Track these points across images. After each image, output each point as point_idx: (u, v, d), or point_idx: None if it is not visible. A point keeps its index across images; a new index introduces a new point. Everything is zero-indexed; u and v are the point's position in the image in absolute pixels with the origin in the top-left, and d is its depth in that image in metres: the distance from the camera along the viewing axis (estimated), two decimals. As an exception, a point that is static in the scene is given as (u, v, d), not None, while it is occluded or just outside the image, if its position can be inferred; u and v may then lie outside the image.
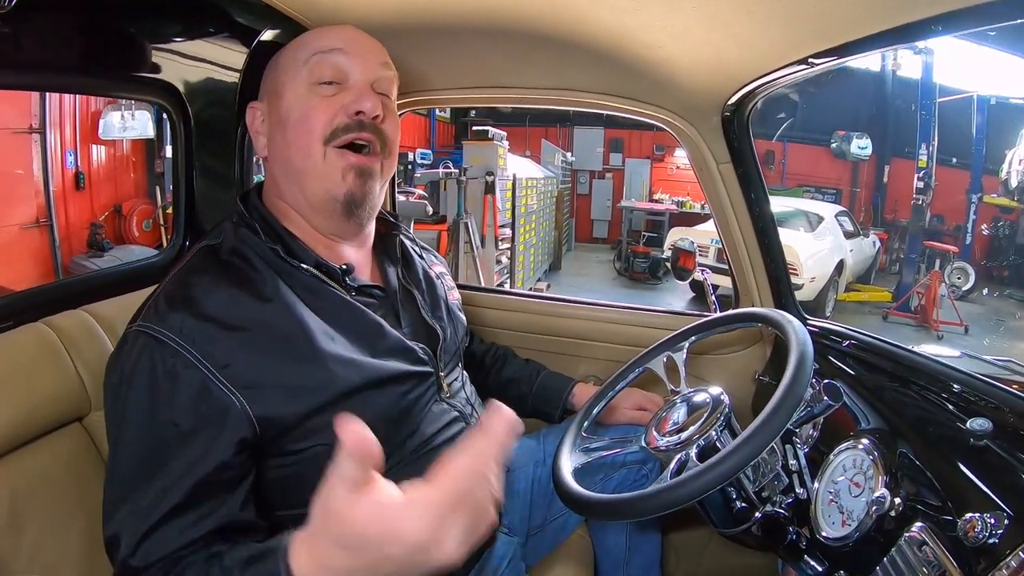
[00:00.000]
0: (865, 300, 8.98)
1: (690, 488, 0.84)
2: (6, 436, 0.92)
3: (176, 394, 0.81)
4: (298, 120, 0.97)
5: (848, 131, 11.99)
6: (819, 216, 8.35)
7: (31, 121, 5.21)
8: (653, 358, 1.27)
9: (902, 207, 10.58)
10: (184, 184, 1.47)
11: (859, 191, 12.66)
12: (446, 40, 1.34)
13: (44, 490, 0.94)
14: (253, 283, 0.92)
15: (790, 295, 1.53)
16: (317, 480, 0.69)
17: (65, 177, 5.76)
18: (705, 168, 1.46)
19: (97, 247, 5.99)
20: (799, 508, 1.00)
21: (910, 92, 9.58)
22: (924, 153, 8.27)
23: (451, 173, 5.97)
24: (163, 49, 1.28)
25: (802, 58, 1.05)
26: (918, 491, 0.87)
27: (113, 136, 6.06)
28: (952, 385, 1.00)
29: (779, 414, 0.84)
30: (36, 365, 0.99)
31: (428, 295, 1.18)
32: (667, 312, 1.72)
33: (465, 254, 5.54)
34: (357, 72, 1.00)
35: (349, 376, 0.91)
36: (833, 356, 1.32)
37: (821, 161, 12.79)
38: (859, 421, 1.10)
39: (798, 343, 0.95)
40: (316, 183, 0.98)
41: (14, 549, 0.88)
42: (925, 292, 7.84)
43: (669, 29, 1.09)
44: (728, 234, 1.53)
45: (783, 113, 12.09)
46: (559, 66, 1.39)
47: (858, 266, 9.14)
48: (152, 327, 0.84)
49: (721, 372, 1.62)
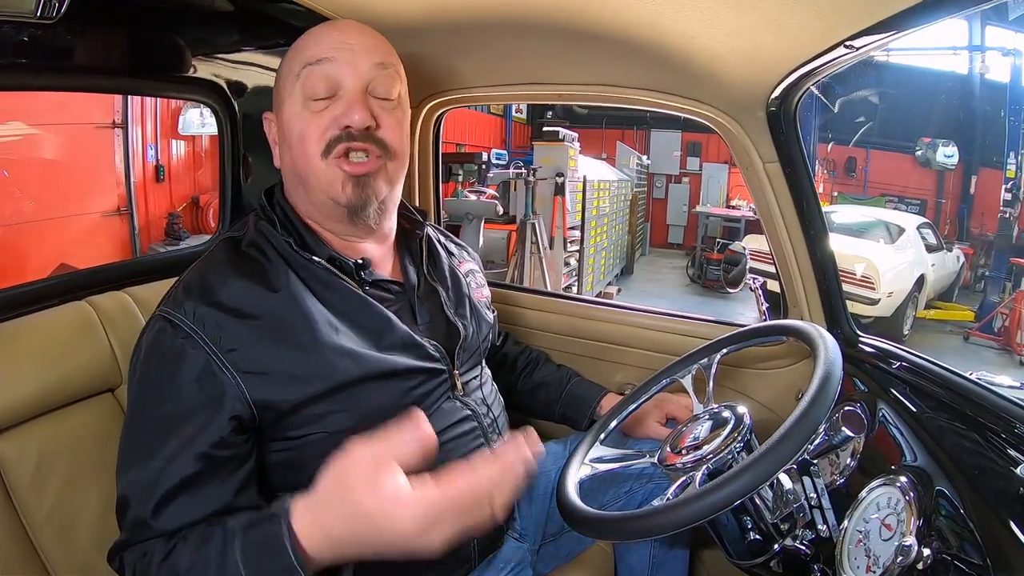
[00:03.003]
0: (946, 319, 8.44)
1: (679, 515, 0.78)
2: (40, 400, 1.02)
3: (181, 372, 0.88)
4: (297, 138, 0.99)
5: (934, 138, 11.34)
6: (900, 228, 7.91)
7: (114, 117, 5.54)
8: (681, 369, 1.20)
9: (989, 220, 9.92)
10: (231, 178, 1.56)
11: (944, 202, 11.96)
12: (479, 37, 1.33)
13: (70, 452, 1.04)
14: (265, 274, 0.97)
15: (842, 308, 1.42)
16: (314, 466, 0.81)
17: (146, 169, 6.13)
18: (751, 168, 1.38)
19: (174, 236, 6.34)
20: (825, 546, 0.92)
21: (999, 97, 8.98)
22: (1013, 163, 7.74)
23: (520, 173, 5.97)
24: (208, 50, 1.38)
25: (840, 41, 0.96)
26: (954, 543, 0.77)
27: (192, 132, 6.43)
28: (1012, 422, 0.89)
29: (787, 443, 0.76)
30: (75, 339, 1.09)
31: (453, 292, 1.17)
32: (706, 320, 1.63)
33: (532, 255, 5.51)
34: (348, 79, 0.99)
35: (348, 368, 0.93)
36: (884, 380, 1.21)
37: (905, 169, 12.13)
38: (904, 454, 0.99)
39: (825, 363, 0.87)
40: (320, 194, 1.01)
41: (36, 502, 0.98)
42: (1010, 313, 7.29)
43: (700, 17, 1.04)
44: (776, 240, 1.43)
45: (862, 117, 11.52)
46: (594, 61, 1.36)
47: (940, 282, 8.61)
48: (170, 311, 0.91)
49: (764, 387, 1.53)
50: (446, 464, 1.00)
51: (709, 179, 14.03)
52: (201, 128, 6.40)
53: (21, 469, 0.98)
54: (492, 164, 10.13)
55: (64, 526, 1.00)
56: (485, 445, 1.09)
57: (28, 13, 0.86)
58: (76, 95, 4.56)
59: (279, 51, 1.39)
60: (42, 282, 1.21)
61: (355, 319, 0.98)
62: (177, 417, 0.86)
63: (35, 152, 5.00)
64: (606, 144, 13.24)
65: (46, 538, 0.98)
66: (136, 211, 5.98)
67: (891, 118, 11.51)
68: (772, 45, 1.07)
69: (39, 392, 1.01)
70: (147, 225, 6.22)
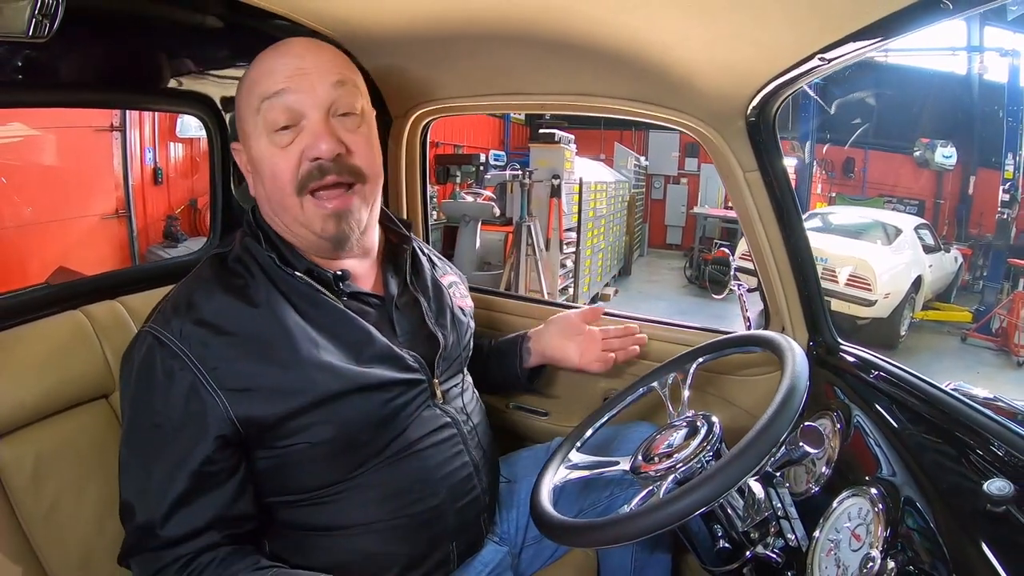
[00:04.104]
0: (943, 319, 8.42)
1: (641, 524, 0.80)
2: (37, 406, 1.05)
3: (171, 393, 0.92)
4: (268, 174, 1.00)
5: (932, 139, 11.32)
6: (897, 229, 7.89)
7: (112, 120, 5.56)
8: (658, 378, 1.22)
9: (987, 221, 9.91)
10: (221, 189, 1.57)
11: (942, 203, 11.93)
12: (463, 48, 1.35)
13: (67, 456, 1.07)
14: (247, 290, 0.99)
15: (823, 316, 1.43)
16: (298, 474, 0.97)
17: (144, 172, 6.13)
18: (731, 177, 1.39)
19: (172, 238, 6.34)
20: (796, 555, 0.93)
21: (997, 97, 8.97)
22: (1011, 164, 7.73)
23: (516, 175, 5.97)
24: (197, 64, 1.40)
25: (812, 53, 0.98)
26: (918, 557, 0.79)
27: (190, 135, 6.42)
28: (985, 436, 0.90)
29: (747, 455, 0.78)
30: (69, 347, 1.12)
31: (435, 302, 1.20)
32: (689, 327, 1.64)
33: (528, 256, 5.53)
34: (308, 106, 0.97)
35: (328, 382, 0.96)
36: (862, 388, 1.22)
37: (903, 170, 12.07)
38: (879, 465, 1.00)
39: (791, 377, 0.88)
40: (301, 228, 1.03)
41: (34, 505, 1.02)
42: (1008, 314, 7.28)
43: (675, 28, 1.06)
44: (757, 248, 1.44)
45: (859, 119, 11.50)
46: (576, 72, 1.38)
47: (938, 283, 8.59)
48: (158, 329, 0.94)
49: (747, 394, 1.54)
50: (424, 470, 1.04)
51: (707, 180, 13.93)
52: (199, 131, 6.37)
53: (19, 473, 1.01)
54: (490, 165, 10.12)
55: (61, 528, 1.04)
56: (464, 452, 1.11)
57: (20, 33, 0.87)
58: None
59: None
60: (38, 291, 1.23)
61: (335, 333, 1.00)
62: (169, 436, 0.91)
63: (35, 155, 5.01)
64: (605, 145, 13.21)
65: (44, 540, 1.02)
66: (134, 214, 5.99)
67: (888, 119, 11.48)
68: (747, 57, 1.09)
69: (36, 398, 1.05)
70: (145, 228, 6.23)
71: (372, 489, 1.01)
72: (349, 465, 1.00)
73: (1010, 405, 1.03)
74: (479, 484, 1.13)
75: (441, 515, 1.06)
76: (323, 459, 0.98)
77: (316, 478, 0.99)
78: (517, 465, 1.37)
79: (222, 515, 0.92)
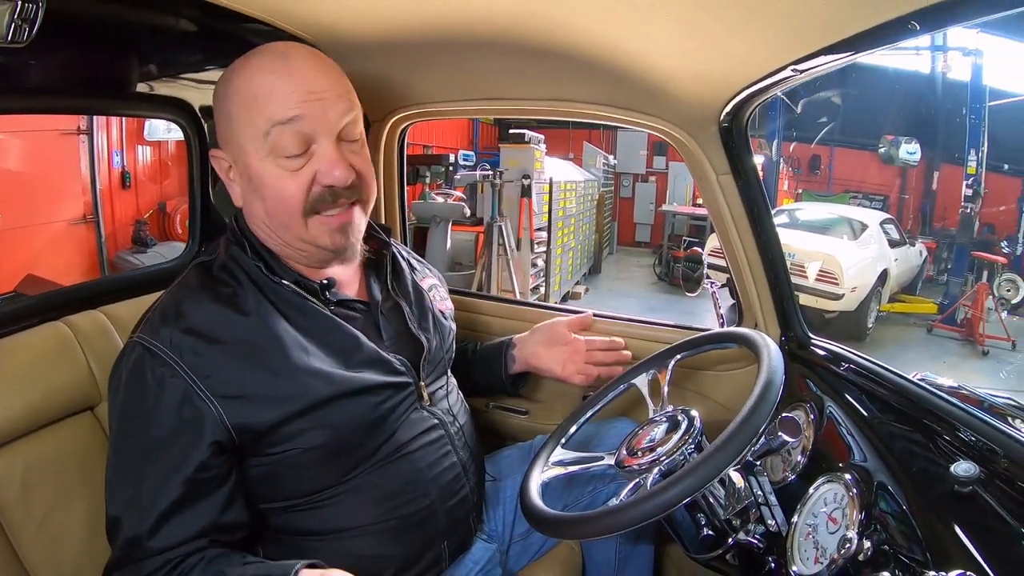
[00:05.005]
0: (909, 311, 8.66)
1: (630, 515, 0.83)
2: (23, 420, 1.04)
3: (162, 400, 0.91)
4: (274, 196, 0.98)
5: (897, 136, 11.58)
6: (863, 224, 8.11)
7: (79, 123, 5.44)
8: (637, 376, 1.26)
9: (951, 215, 10.18)
10: (199, 195, 1.55)
11: (907, 198, 12.23)
12: (442, 54, 1.36)
13: (55, 469, 1.06)
14: (236, 299, 0.99)
15: (794, 312, 1.48)
16: (291, 480, 0.98)
17: (112, 176, 6.01)
18: (705, 180, 1.44)
19: (141, 243, 6.23)
20: (776, 539, 0.97)
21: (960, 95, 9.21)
22: (973, 159, 7.94)
23: (487, 176, 5.97)
24: (175, 70, 1.39)
25: (784, 65, 1.03)
26: (892, 536, 0.83)
27: (158, 137, 6.32)
28: (950, 422, 0.95)
29: (729, 446, 0.82)
30: (53, 359, 1.11)
31: (416, 306, 1.21)
32: (666, 324, 1.68)
33: (499, 257, 5.54)
34: (320, 133, 0.96)
35: (320, 388, 0.97)
36: (833, 380, 1.27)
37: (869, 166, 12.37)
38: (851, 452, 1.05)
39: (767, 372, 0.93)
40: (302, 243, 1.03)
41: (24, 520, 1.01)
42: (972, 305, 7.52)
43: (653, 38, 1.09)
44: (730, 248, 1.49)
45: (824, 117, 11.73)
46: (554, 78, 1.39)
47: (903, 276, 8.82)
48: (147, 339, 0.94)
49: (722, 388, 1.59)
50: (414, 472, 1.06)
51: (675, 178, 14.07)
52: (167, 133, 6.29)
53: (8, 488, 1.00)
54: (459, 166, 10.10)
55: (52, 542, 1.03)
56: (452, 453, 1.13)
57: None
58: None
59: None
60: (16, 302, 1.22)
61: (324, 339, 1.01)
62: (161, 444, 0.91)
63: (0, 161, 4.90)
64: (573, 144, 13.25)
65: (35, 555, 1.01)
66: (102, 219, 5.87)
67: (854, 117, 11.73)
68: (723, 66, 1.13)
69: (21, 412, 1.03)
70: (114, 233, 6.10)
71: (364, 492, 1.03)
72: (341, 469, 1.01)
73: (973, 393, 1.08)
74: (467, 483, 1.15)
75: (432, 515, 1.08)
76: (316, 464, 0.99)
77: (309, 483, 1.01)
78: (501, 464, 1.40)
79: (213, 523, 0.92)
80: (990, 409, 1.00)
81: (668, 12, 0.97)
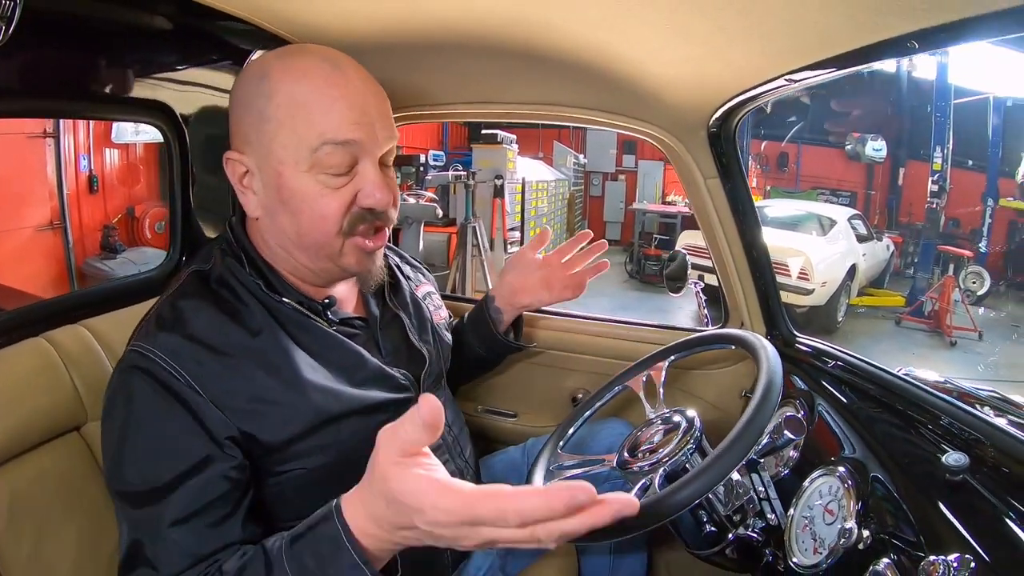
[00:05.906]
0: (878, 305, 8.86)
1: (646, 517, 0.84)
2: (7, 444, 0.97)
3: (172, 414, 0.85)
4: (312, 213, 0.93)
5: (863, 133, 11.83)
6: (831, 220, 8.27)
7: (45, 126, 5.29)
8: (632, 377, 1.27)
9: (917, 210, 10.44)
10: (180, 201, 1.51)
11: (874, 194, 12.49)
12: (433, 57, 1.35)
13: (43, 494, 1.00)
14: (240, 313, 0.94)
15: (779, 311, 1.52)
16: (299, 500, 0.88)
17: (79, 180, 5.83)
18: (693, 183, 1.46)
19: (110, 249, 6.05)
20: (774, 532, 1.00)
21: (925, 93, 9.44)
22: (939, 156, 8.15)
23: (460, 176, 5.95)
24: (157, 72, 1.33)
25: (780, 75, 1.05)
26: (889, 525, 0.86)
27: (126, 140, 6.15)
28: (936, 414, 0.99)
29: (737, 446, 0.84)
30: (36, 378, 1.04)
31: (415, 318, 1.19)
32: (655, 326, 1.71)
33: (473, 257, 5.53)
34: (365, 155, 0.93)
35: (329, 405, 0.94)
36: (820, 377, 1.31)
37: (836, 163, 12.57)
38: (842, 445, 1.08)
39: (767, 373, 0.95)
40: (329, 263, 0.98)
41: (14, 549, 0.95)
42: (939, 297, 7.72)
43: (647, 44, 1.09)
44: (716, 249, 1.52)
45: (794, 116, 11.94)
46: (547, 82, 1.40)
47: (871, 270, 9.03)
48: (146, 348, 0.88)
49: (711, 387, 1.62)
50: None
51: (645, 176, 14.09)
52: (135, 136, 6.16)
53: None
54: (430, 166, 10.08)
55: (44, 569, 0.98)
56: (450, 461, 1.14)
57: (-27, 40, 0.83)
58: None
59: (229, 70, 1.39)
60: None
61: (328, 357, 0.99)
62: (169, 459, 0.84)
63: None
64: (543, 143, 13.28)
65: None
66: (70, 224, 5.71)
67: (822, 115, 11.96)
68: (717, 74, 1.14)
69: (4, 436, 0.97)
70: (81, 238, 5.94)
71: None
72: (344, 489, 0.99)
73: (958, 386, 1.12)
74: None
75: None
76: (320, 484, 0.93)
77: (314, 504, 0.96)
78: (495, 468, 1.40)
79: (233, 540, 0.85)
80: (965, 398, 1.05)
81: (667, 19, 0.98)
